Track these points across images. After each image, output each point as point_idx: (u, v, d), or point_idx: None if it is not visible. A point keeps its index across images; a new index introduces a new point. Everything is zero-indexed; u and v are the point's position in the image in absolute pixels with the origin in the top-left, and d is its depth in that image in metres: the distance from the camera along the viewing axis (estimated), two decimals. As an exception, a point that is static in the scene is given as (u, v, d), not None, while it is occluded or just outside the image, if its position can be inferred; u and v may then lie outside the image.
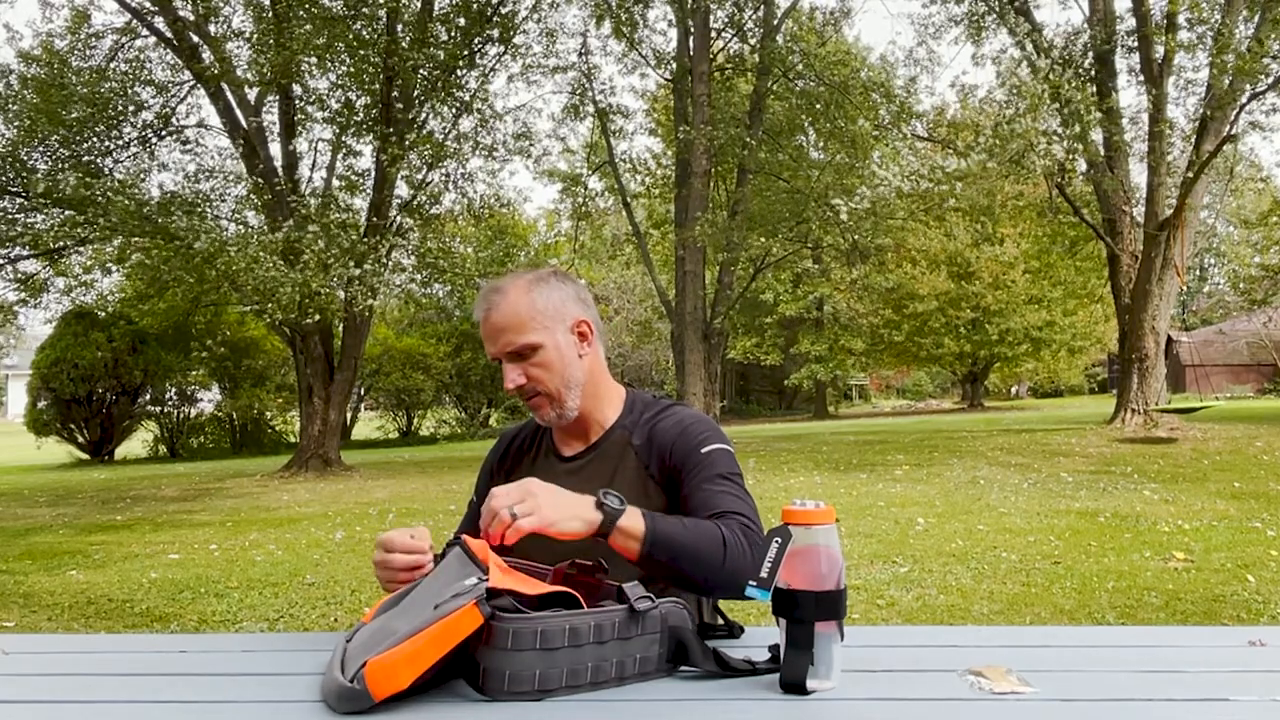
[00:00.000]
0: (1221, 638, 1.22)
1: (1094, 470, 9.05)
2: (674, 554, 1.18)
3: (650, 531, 1.16)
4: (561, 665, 0.99)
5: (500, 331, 1.41)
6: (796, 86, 15.28)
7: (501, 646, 0.97)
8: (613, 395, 1.52)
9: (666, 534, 1.18)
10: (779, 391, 37.48)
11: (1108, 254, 13.95)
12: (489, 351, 1.44)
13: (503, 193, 14.21)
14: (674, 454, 1.41)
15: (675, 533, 1.20)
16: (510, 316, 1.40)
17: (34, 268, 13.43)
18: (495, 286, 1.45)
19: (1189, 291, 39.65)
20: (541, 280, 1.46)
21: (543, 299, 1.43)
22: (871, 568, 4.98)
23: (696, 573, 1.21)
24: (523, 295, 1.42)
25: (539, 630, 0.98)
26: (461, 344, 22.55)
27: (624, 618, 1.03)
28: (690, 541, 1.20)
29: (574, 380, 1.45)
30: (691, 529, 1.23)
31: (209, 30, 11.61)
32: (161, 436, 19.19)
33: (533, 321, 1.41)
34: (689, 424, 1.45)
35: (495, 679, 0.97)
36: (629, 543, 1.16)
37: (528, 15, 13.49)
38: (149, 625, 4.29)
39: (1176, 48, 11.93)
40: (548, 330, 1.42)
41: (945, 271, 26.72)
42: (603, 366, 1.52)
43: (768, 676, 1.05)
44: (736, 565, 1.21)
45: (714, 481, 1.36)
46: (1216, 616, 3.82)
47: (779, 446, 14.13)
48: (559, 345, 1.43)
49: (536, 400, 1.44)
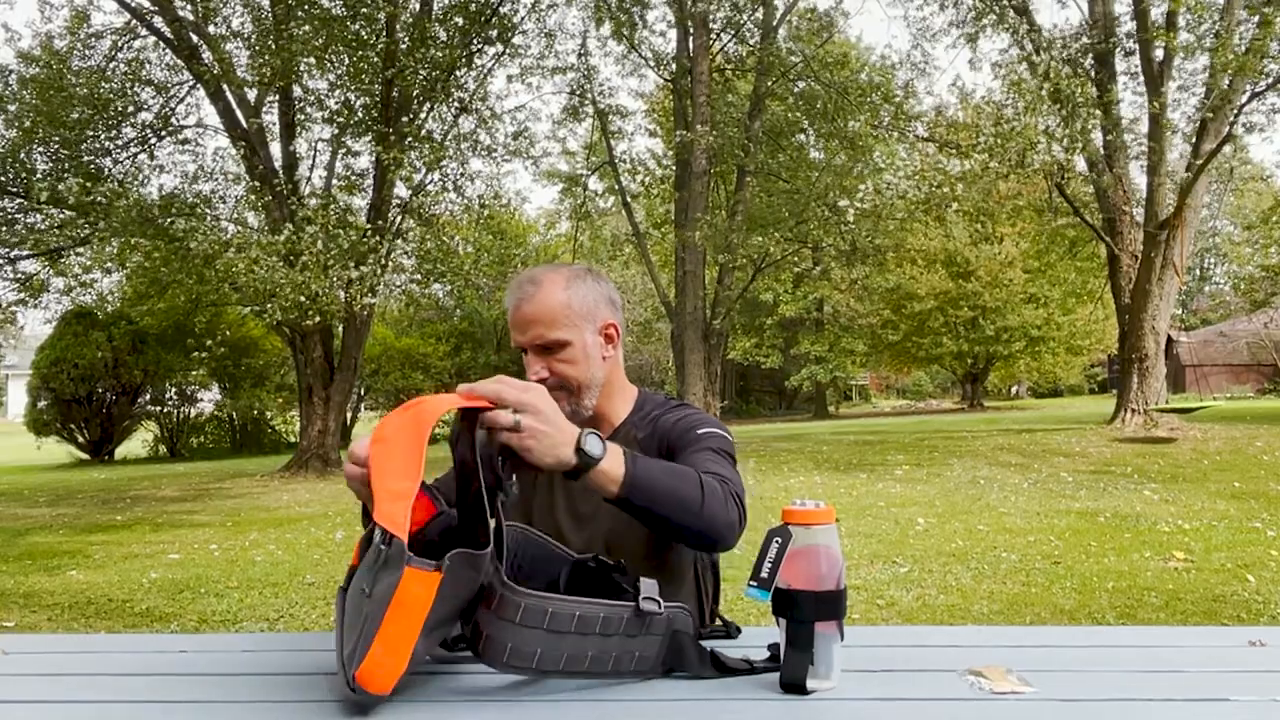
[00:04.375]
0: (1221, 638, 1.22)
1: (1094, 470, 9.05)
2: (652, 498, 1.16)
3: (629, 476, 1.14)
4: (563, 650, 0.99)
5: (531, 323, 1.41)
6: (796, 87, 15.28)
7: (510, 619, 0.97)
8: (626, 395, 1.54)
9: (645, 478, 1.15)
10: (779, 391, 37.47)
11: (1108, 254, 13.95)
12: (516, 340, 1.44)
13: (502, 193, 14.23)
14: (671, 438, 1.43)
15: (654, 476, 1.17)
16: (543, 310, 1.40)
17: (34, 268, 13.43)
18: (531, 277, 1.45)
19: (1189, 291, 39.70)
20: (578, 277, 1.46)
21: (578, 297, 1.43)
22: (871, 568, 4.98)
23: (673, 517, 1.18)
24: (558, 290, 1.42)
25: (549, 611, 0.98)
26: (461, 344, 22.55)
27: (632, 615, 1.03)
28: (668, 486, 1.18)
29: (595, 380, 1.45)
30: (670, 472, 1.21)
31: (209, 31, 11.61)
32: (161, 436, 19.18)
33: (565, 318, 1.41)
34: (690, 415, 1.47)
35: (496, 649, 0.98)
36: (607, 484, 1.13)
37: (526, 15, 13.50)
38: (149, 625, 4.29)
39: (1177, 48, 11.93)
40: (578, 329, 1.42)
41: (944, 271, 26.72)
42: (620, 368, 1.53)
43: (768, 676, 1.05)
44: (713, 511, 1.19)
45: (703, 453, 1.36)
46: (1216, 616, 3.82)
47: (779, 446, 14.13)
48: (586, 345, 1.43)
49: (555, 395, 1.44)
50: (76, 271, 12.60)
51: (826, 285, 26.68)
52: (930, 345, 27.70)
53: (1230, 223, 35.25)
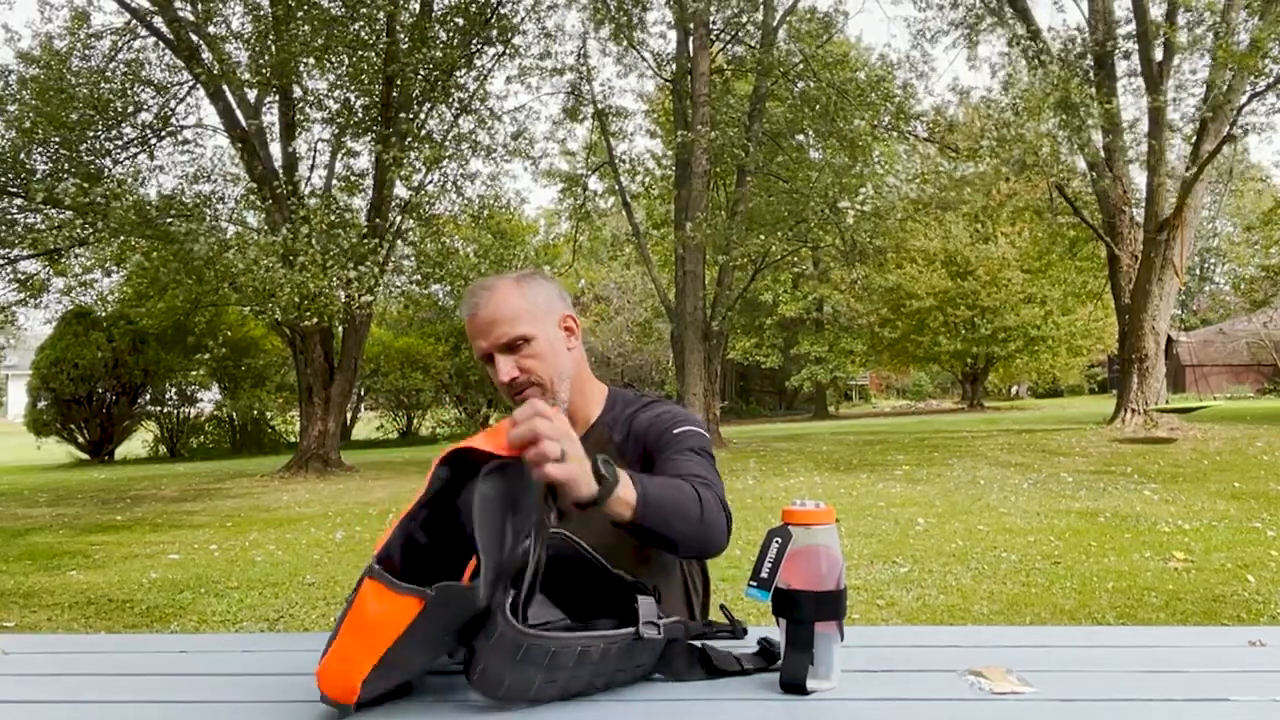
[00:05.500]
0: (1221, 638, 1.22)
1: (1094, 470, 9.05)
2: (663, 519, 1.16)
3: (641, 498, 1.13)
4: (560, 682, 0.98)
5: (492, 325, 1.42)
6: (796, 87, 15.27)
7: (508, 655, 0.94)
8: (596, 393, 1.55)
9: (656, 500, 1.16)
10: (779, 392, 37.47)
11: (1108, 254, 13.96)
12: (479, 349, 1.45)
13: (502, 194, 14.21)
14: (648, 440, 1.44)
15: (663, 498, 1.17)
16: (503, 309, 1.42)
17: (34, 268, 13.43)
18: (483, 284, 1.48)
19: (1189, 291, 39.67)
20: (527, 277, 1.50)
21: (531, 294, 1.46)
22: (871, 568, 4.98)
23: (678, 535, 1.19)
24: (512, 290, 1.45)
25: (551, 651, 0.96)
26: (460, 344, 22.53)
27: (631, 641, 1.02)
28: (674, 504, 1.18)
29: (565, 371, 1.47)
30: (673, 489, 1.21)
31: (208, 31, 11.61)
32: (161, 436, 19.18)
33: (525, 314, 1.43)
34: (664, 412, 1.48)
35: (491, 683, 0.95)
36: (622, 511, 1.12)
37: (525, 16, 13.50)
38: (149, 625, 4.29)
39: (1178, 48, 11.94)
40: (539, 322, 1.44)
41: (944, 270, 26.72)
42: (585, 364, 1.55)
43: (769, 677, 1.05)
44: (709, 521, 1.21)
45: (683, 453, 1.37)
46: (1216, 616, 3.82)
47: (779, 446, 14.14)
48: (550, 338, 1.45)
49: (529, 393, 1.44)
50: (76, 271, 12.62)
51: (826, 285, 26.68)
52: (929, 344, 27.71)
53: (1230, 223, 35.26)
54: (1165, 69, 12.19)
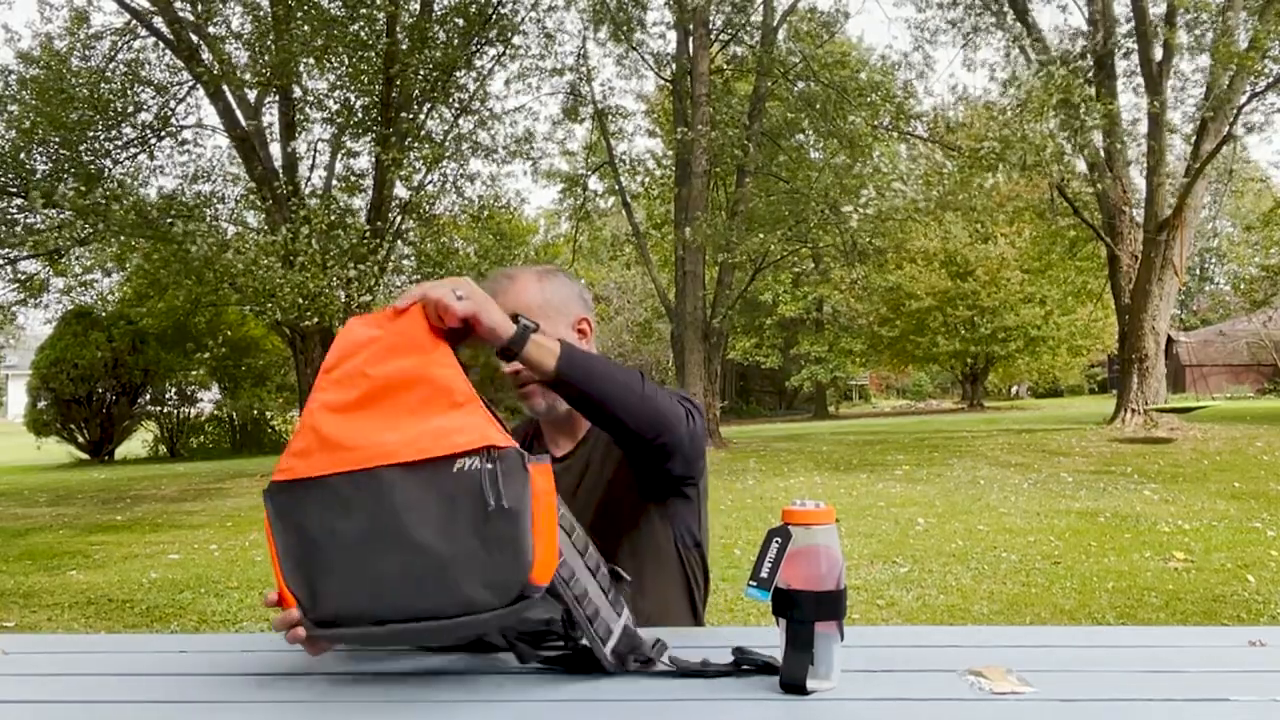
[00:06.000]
0: (1221, 638, 1.22)
1: (1094, 470, 9.05)
2: (588, 373, 1.16)
3: (566, 349, 1.15)
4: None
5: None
6: (796, 87, 15.27)
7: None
8: None
9: (583, 354, 1.17)
10: (779, 392, 37.47)
11: (1108, 254, 13.96)
12: None
13: (502, 194, 14.22)
14: None
15: (593, 356, 1.19)
16: (520, 303, 1.42)
17: (34, 268, 13.43)
18: (506, 273, 1.48)
19: (1189, 291, 39.68)
20: (550, 274, 1.50)
21: (551, 291, 1.46)
22: (871, 568, 4.99)
23: (612, 398, 1.19)
24: (533, 283, 1.46)
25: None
26: (460, 344, 22.52)
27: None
28: (605, 368, 1.19)
29: None
30: (609, 362, 1.22)
31: (208, 31, 11.61)
32: (161, 436, 19.17)
33: (541, 311, 1.42)
34: None
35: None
36: (544, 357, 1.14)
37: (525, 16, 13.50)
38: (149, 625, 4.29)
39: (1178, 48, 11.94)
40: (553, 322, 1.44)
41: (943, 270, 26.71)
42: None
43: (769, 677, 1.05)
44: (657, 401, 1.21)
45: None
46: (1216, 616, 3.82)
47: (779, 446, 14.14)
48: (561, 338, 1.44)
49: (530, 389, 1.44)
50: (76, 271, 12.61)
51: (826, 285, 26.67)
52: (928, 344, 27.71)
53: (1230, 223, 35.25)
54: (1165, 69, 12.19)
